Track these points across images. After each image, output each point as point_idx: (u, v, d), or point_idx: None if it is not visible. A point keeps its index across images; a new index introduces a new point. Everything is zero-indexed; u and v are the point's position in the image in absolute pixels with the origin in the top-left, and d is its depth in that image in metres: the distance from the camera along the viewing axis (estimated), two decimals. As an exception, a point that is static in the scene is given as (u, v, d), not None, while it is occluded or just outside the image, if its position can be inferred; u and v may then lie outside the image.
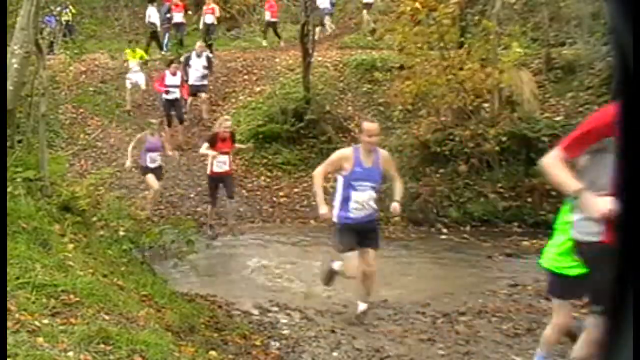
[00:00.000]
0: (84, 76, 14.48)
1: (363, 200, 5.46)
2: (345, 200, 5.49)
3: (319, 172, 5.63)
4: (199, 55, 13.22)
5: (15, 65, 5.85)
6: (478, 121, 10.35)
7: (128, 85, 13.72)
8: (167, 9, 16.84)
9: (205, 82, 13.31)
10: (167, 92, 12.48)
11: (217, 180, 8.92)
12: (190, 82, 13.03)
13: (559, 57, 12.45)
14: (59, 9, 11.33)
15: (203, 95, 13.31)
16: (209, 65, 13.43)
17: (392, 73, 12.40)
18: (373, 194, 5.55)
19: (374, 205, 5.58)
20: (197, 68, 13.09)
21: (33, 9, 5.87)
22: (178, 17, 16.80)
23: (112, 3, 19.46)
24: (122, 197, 9.16)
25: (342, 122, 12.70)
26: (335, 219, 5.61)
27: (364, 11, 17.42)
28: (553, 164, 3.05)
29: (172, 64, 12.88)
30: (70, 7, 13.02)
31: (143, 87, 13.99)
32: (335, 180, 5.96)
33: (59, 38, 13.77)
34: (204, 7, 16.69)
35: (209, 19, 16.44)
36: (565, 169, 3.04)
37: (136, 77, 13.82)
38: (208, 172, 9.04)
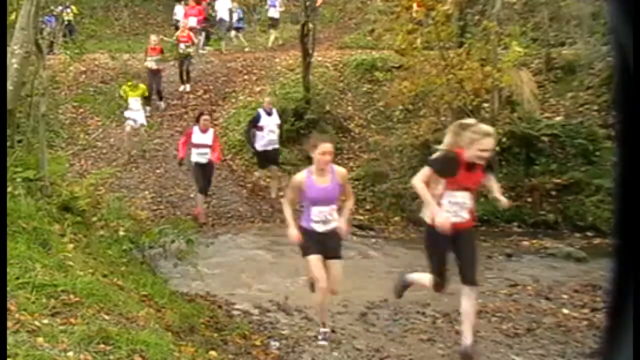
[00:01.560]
0: (84, 76, 14.48)
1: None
2: None
3: None
4: (269, 113, 10.53)
5: (15, 65, 5.86)
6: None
7: (127, 127, 11.99)
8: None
9: (278, 146, 10.67)
10: (184, 154, 9.82)
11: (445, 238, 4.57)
12: (260, 147, 10.41)
13: (559, 57, 12.47)
14: (59, 8, 11.33)
15: (275, 168, 10.61)
16: (280, 124, 10.81)
17: (392, 73, 12.41)
18: None
19: None
20: (271, 129, 10.41)
21: (33, 9, 5.88)
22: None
23: (112, 3, 19.49)
24: (122, 197, 9.15)
25: (342, 122, 12.72)
26: None
27: (271, 30, 17.21)
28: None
29: (201, 116, 9.88)
30: (72, 7, 13.00)
31: (144, 129, 12.45)
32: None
33: (59, 38, 13.77)
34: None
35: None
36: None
37: (136, 116, 12.02)
38: (428, 221, 4.67)
